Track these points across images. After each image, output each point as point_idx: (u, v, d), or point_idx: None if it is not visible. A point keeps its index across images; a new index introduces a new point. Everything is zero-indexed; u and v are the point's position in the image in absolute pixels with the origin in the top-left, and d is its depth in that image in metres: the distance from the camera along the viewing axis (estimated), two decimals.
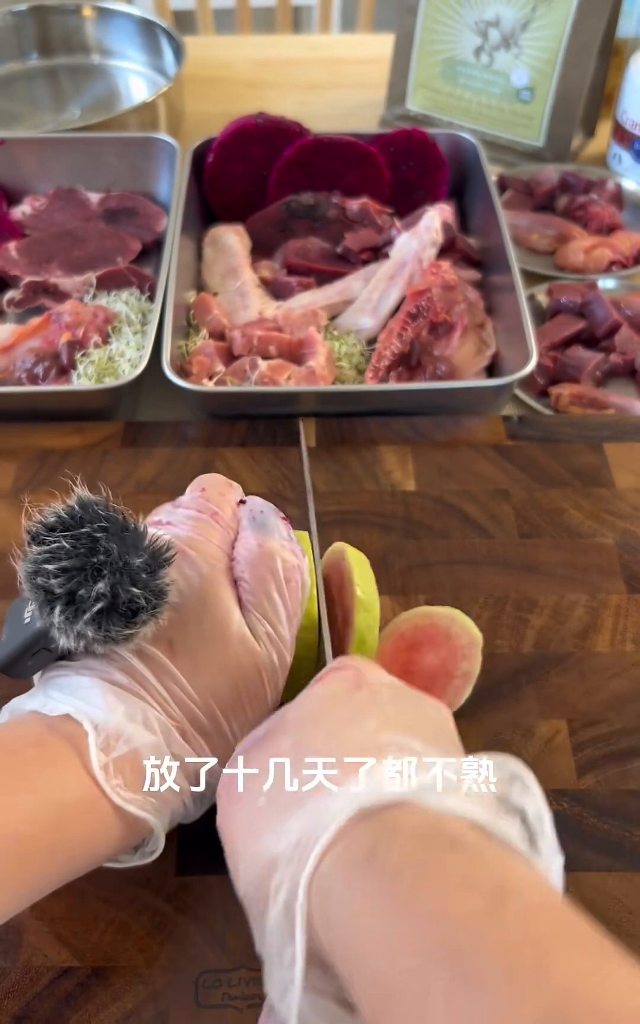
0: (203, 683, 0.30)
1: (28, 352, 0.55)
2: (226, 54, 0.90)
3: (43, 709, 0.29)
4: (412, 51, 0.73)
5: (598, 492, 0.48)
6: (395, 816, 0.23)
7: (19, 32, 0.82)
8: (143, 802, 0.29)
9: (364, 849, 0.22)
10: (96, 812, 0.28)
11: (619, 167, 0.72)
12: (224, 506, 0.34)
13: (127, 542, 0.29)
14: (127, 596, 0.28)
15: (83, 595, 0.28)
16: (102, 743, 0.28)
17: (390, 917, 0.20)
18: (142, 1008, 0.31)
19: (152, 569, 0.29)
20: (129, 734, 0.28)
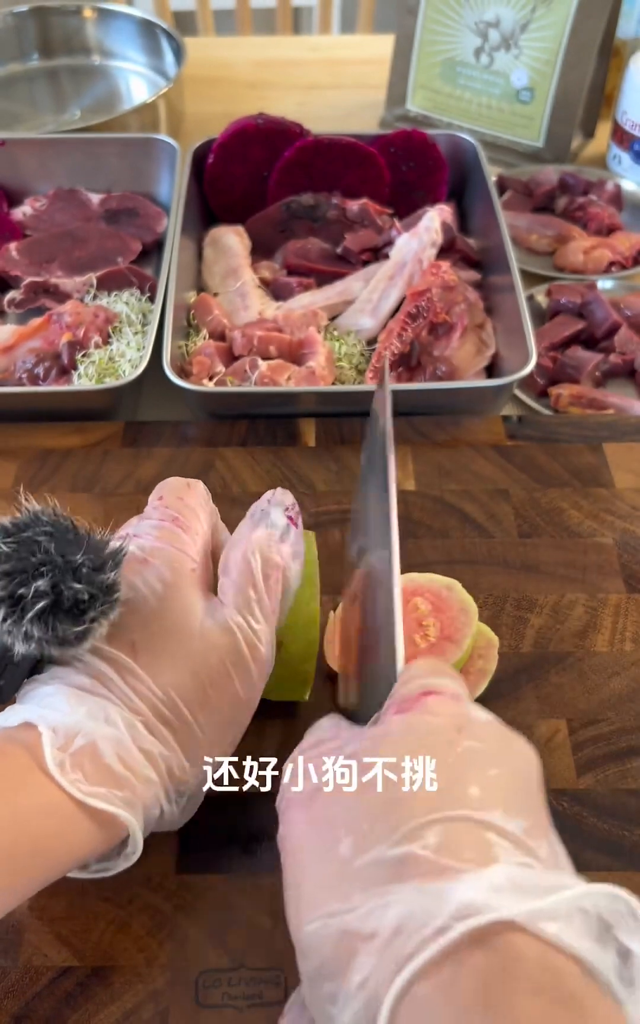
0: (166, 678, 0.30)
1: (29, 352, 0.55)
2: (226, 55, 0.90)
3: (4, 722, 0.29)
4: (412, 52, 0.73)
5: (597, 492, 0.48)
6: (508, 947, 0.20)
7: (20, 33, 0.82)
8: (108, 795, 0.28)
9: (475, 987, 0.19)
10: (59, 812, 0.27)
11: (618, 168, 0.72)
12: (183, 509, 0.34)
13: (71, 543, 0.29)
14: (71, 592, 0.28)
15: (23, 594, 0.28)
16: (61, 742, 0.28)
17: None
18: (142, 1007, 0.31)
19: (97, 566, 0.29)
20: (88, 730, 0.28)
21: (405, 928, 0.21)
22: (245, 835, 0.35)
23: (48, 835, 0.27)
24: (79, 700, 0.29)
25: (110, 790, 0.28)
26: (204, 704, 0.30)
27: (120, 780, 0.28)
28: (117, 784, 0.28)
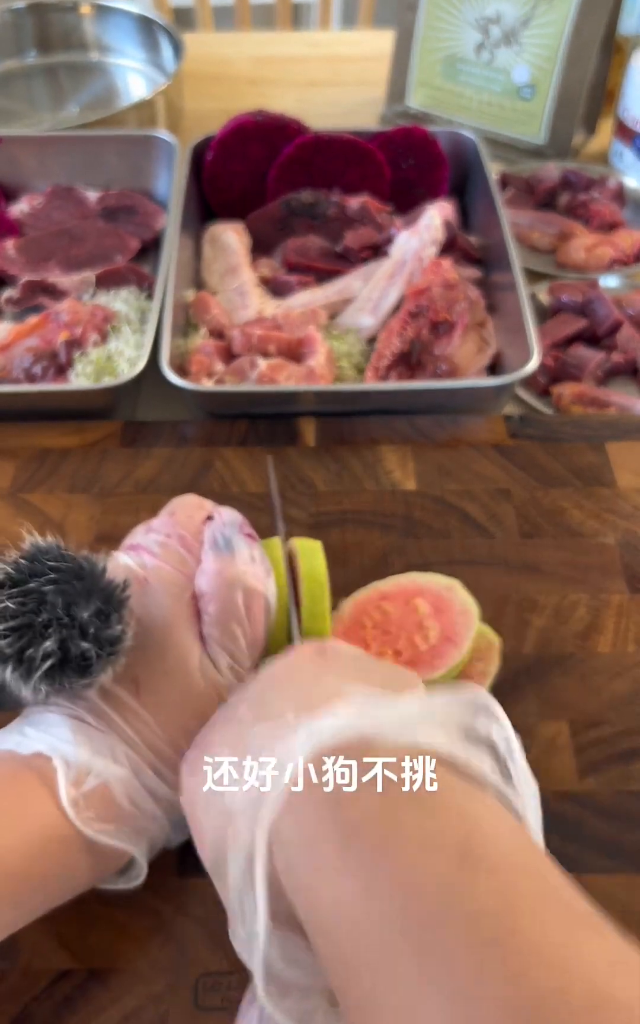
0: (168, 718, 0.30)
1: (26, 351, 0.54)
2: (225, 51, 0.89)
3: (18, 748, 0.29)
4: (412, 48, 0.73)
5: (600, 492, 0.48)
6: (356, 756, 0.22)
7: (18, 30, 0.82)
8: (117, 832, 0.29)
9: (324, 798, 0.21)
10: (71, 844, 0.28)
11: (621, 164, 0.72)
12: (191, 528, 0.34)
13: (78, 591, 0.29)
14: (78, 650, 0.28)
15: (31, 654, 0.28)
16: (73, 778, 0.28)
17: (351, 883, 0.20)
18: (141, 1010, 0.31)
19: (105, 615, 0.29)
20: (98, 769, 0.29)
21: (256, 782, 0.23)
22: None
23: (57, 865, 0.28)
24: (86, 735, 0.29)
25: (118, 827, 0.29)
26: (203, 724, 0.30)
27: (128, 817, 0.29)
28: (125, 821, 0.29)
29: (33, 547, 0.30)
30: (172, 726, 0.30)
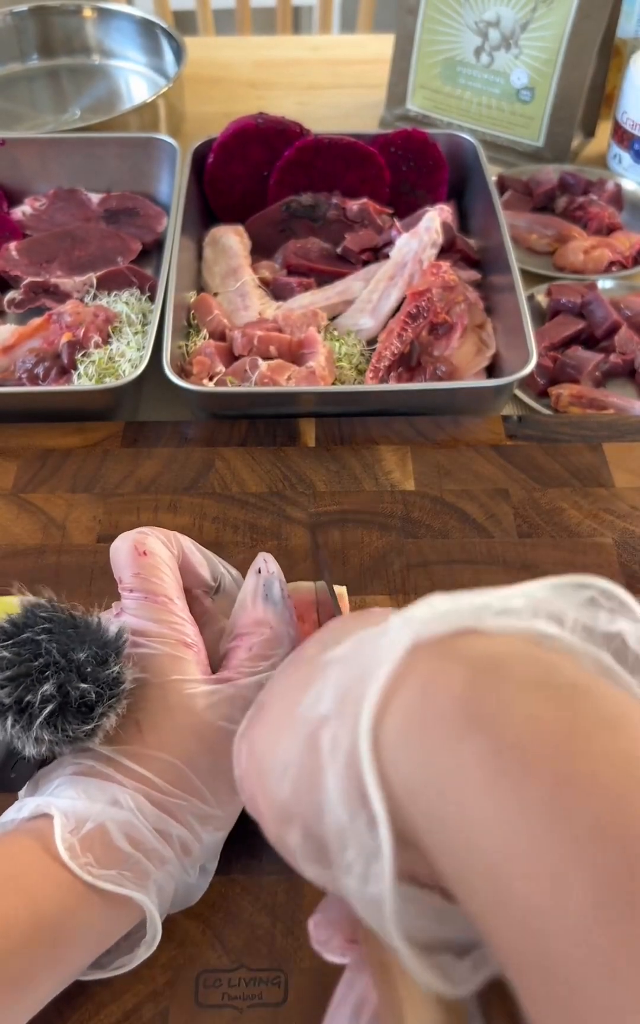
0: (175, 754, 0.30)
1: (29, 352, 0.55)
2: (226, 55, 0.90)
3: (17, 815, 0.29)
4: (412, 51, 0.73)
5: (597, 492, 0.48)
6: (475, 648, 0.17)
7: (20, 33, 0.82)
8: (118, 878, 0.27)
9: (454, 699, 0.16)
10: (72, 896, 0.27)
11: (619, 167, 0.72)
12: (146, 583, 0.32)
13: (72, 639, 0.29)
14: (77, 693, 0.28)
15: (31, 700, 0.28)
16: (71, 826, 0.27)
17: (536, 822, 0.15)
18: (142, 1007, 0.31)
19: (101, 659, 0.29)
20: (96, 814, 0.28)
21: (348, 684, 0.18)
22: (246, 835, 0.35)
23: (63, 919, 0.27)
24: (83, 787, 0.29)
25: (120, 872, 0.28)
26: (218, 775, 0.30)
27: (131, 862, 0.28)
28: (128, 866, 0.28)
29: (26, 602, 0.30)
30: (178, 757, 0.30)
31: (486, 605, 0.18)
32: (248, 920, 0.33)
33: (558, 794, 0.15)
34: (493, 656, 0.17)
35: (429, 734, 0.17)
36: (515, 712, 0.16)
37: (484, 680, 0.17)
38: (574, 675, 0.17)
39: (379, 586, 0.43)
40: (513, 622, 0.18)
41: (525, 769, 0.15)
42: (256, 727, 0.22)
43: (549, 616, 0.19)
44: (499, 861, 0.15)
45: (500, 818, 0.15)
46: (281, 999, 0.31)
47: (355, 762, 0.17)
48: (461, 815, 0.16)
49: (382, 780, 0.17)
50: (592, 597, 0.19)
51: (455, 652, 0.17)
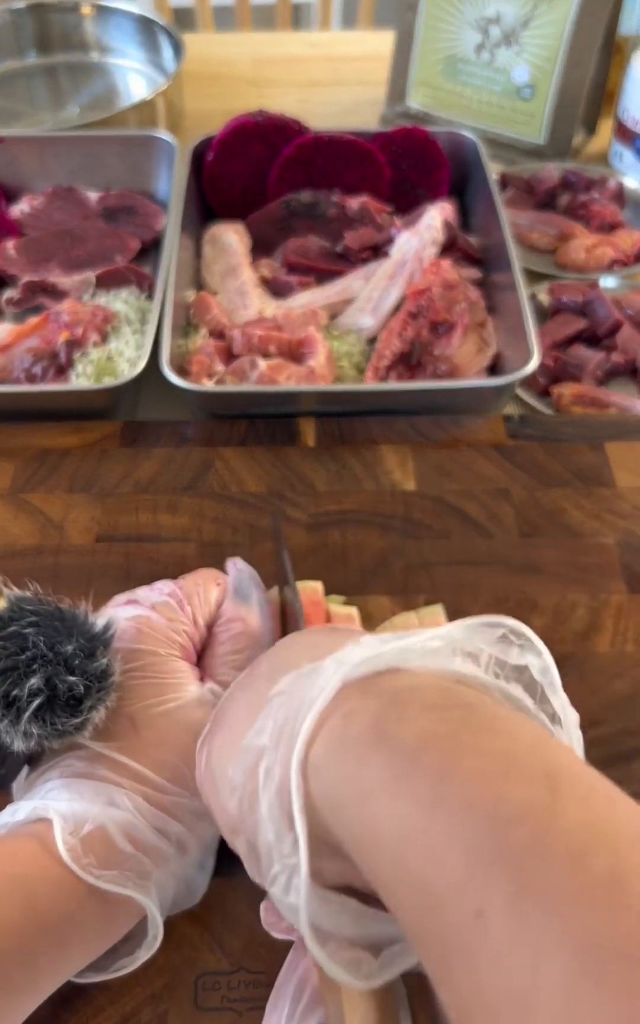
0: (169, 750, 0.30)
1: (27, 351, 0.55)
2: (226, 51, 0.89)
3: (12, 818, 0.29)
4: (413, 48, 0.73)
5: (599, 492, 0.48)
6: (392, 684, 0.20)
7: (18, 30, 0.82)
8: (120, 878, 0.28)
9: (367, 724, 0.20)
10: (75, 897, 0.27)
11: (620, 165, 0.72)
12: (193, 596, 0.34)
13: (59, 631, 0.29)
14: (65, 685, 0.28)
15: (18, 695, 0.28)
16: (71, 828, 0.27)
17: (421, 810, 0.18)
18: (140, 1011, 0.31)
19: (89, 652, 0.29)
20: (95, 814, 0.28)
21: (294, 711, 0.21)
22: None
23: (64, 921, 0.27)
24: (79, 790, 0.29)
25: (122, 872, 0.28)
26: None
27: (132, 862, 0.28)
28: (128, 866, 0.28)
29: (11, 596, 0.30)
30: (175, 757, 0.30)
31: (409, 648, 0.22)
32: (247, 923, 0.33)
33: (440, 786, 0.18)
34: (403, 689, 0.21)
35: (346, 755, 0.20)
36: (413, 729, 0.19)
37: (392, 707, 0.20)
38: (469, 698, 0.20)
39: (380, 587, 0.43)
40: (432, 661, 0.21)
41: (416, 770, 0.18)
42: (213, 740, 0.26)
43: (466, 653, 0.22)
44: (397, 847, 0.18)
45: (396, 812, 0.18)
46: None
47: (285, 790, 0.21)
48: (370, 816, 0.19)
49: (308, 802, 0.20)
50: (504, 634, 0.23)
51: (375, 688, 0.21)
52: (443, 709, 0.19)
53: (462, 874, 0.16)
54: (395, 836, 0.18)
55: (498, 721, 0.19)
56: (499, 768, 0.18)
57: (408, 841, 0.18)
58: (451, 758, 0.18)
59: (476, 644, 0.22)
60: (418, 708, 0.19)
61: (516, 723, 0.20)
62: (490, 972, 0.16)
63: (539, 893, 0.15)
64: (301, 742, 0.20)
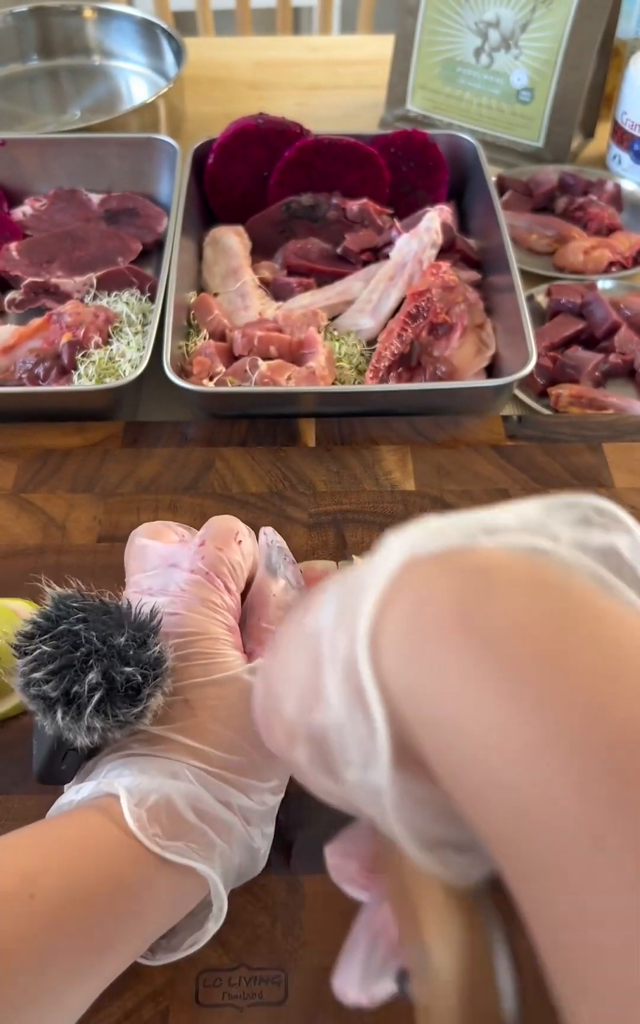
0: (228, 723, 0.30)
1: (29, 352, 0.55)
2: (226, 55, 0.90)
3: (76, 796, 0.29)
4: (412, 52, 0.73)
5: (597, 492, 0.48)
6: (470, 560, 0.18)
7: (20, 33, 0.82)
8: (185, 849, 0.28)
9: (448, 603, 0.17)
10: (144, 867, 0.27)
11: (618, 168, 0.72)
12: (219, 564, 0.33)
13: (109, 624, 0.29)
14: (123, 677, 0.28)
15: (78, 691, 0.28)
16: (136, 800, 0.28)
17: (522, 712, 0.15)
18: (142, 1007, 0.31)
19: (141, 641, 0.29)
20: (159, 786, 0.28)
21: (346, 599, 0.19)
22: None
23: (139, 891, 0.27)
24: (142, 763, 0.29)
25: (187, 844, 0.28)
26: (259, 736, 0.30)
27: (197, 833, 0.28)
28: (194, 836, 0.28)
29: (55, 595, 0.30)
30: (231, 731, 0.30)
31: (480, 523, 0.19)
32: (248, 920, 0.33)
33: (540, 679, 0.15)
34: (484, 566, 0.18)
35: (423, 637, 0.17)
36: (503, 610, 0.16)
37: (474, 585, 0.17)
38: (561, 578, 0.17)
39: None
40: (508, 538, 0.19)
41: (510, 660, 0.16)
42: (268, 658, 0.23)
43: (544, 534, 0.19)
44: (481, 745, 0.15)
45: (483, 705, 0.16)
46: (281, 998, 0.31)
47: (353, 664, 0.18)
48: (450, 709, 0.16)
49: (378, 682, 0.17)
50: (585, 515, 0.20)
51: (449, 564, 0.18)
52: (537, 588, 0.17)
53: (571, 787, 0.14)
54: (485, 737, 0.15)
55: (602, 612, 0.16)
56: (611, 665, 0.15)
57: (502, 745, 0.15)
58: (554, 654, 0.15)
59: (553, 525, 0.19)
60: (505, 587, 0.17)
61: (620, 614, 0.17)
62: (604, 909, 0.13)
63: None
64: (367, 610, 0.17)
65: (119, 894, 0.27)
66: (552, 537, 0.19)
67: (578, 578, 0.18)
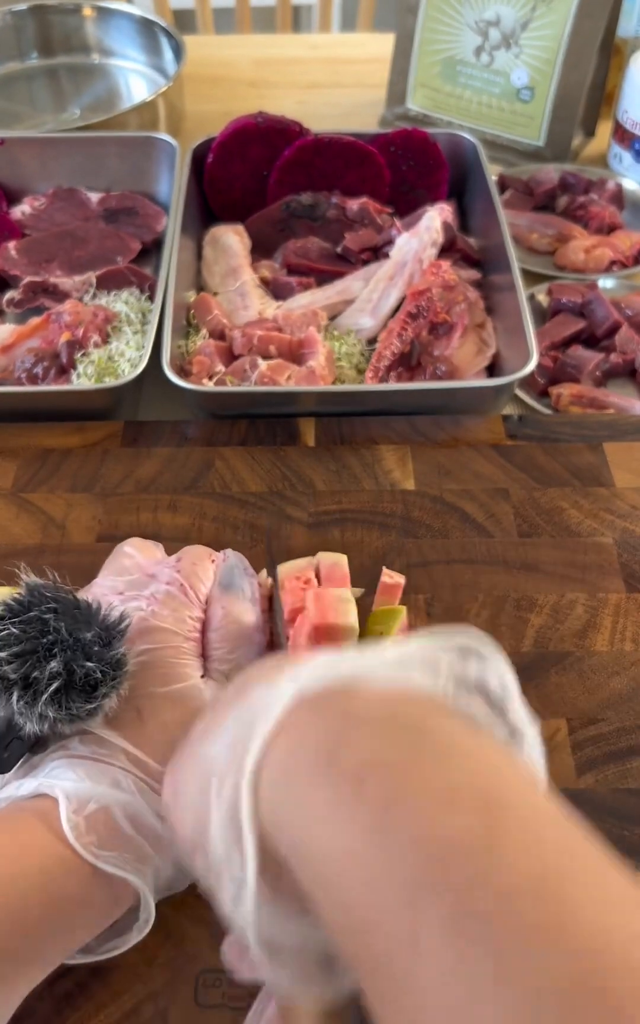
0: (171, 736, 0.30)
1: (28, 352, 0.55)
2: (226, 53, 0.90)
3: (15, 792, 0.29)
4: (412, 50, 0.73)
5: (597, 491, 0.48)
6: (344, 703, 0.21)
7: (19, 32, 0.82)
8: (119, 859, 0.28)
9: (316, 746, 0.20)
10: (75, 875, 0.27)
11: (619, 167, 0.72)
12: (192, 577, 0.35)
13: (78, 620, 0.30)
14: (83, 671, 0.29)
15: (37, 677, 0.28)
16: (74, 807, 0.28)
17: (363, 837, 0.18)
18: (141, 1007, 0.31)
19: (106, 641, 0.30)
20: (99, 795, 0.28)
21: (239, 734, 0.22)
22: None
23: (68, 899, 0.27)
24: (85, 769, 0.29)
25: (121, 854, 0.28)
26: None
27: (132, 844, 0.28)
28: (129, 848, 0.28)
29: (29, 583, 0.31)
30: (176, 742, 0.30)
31: (365, 664, 0.22)
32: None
33: (383, 815, 0.18)
34: (354, 709, 0.21)
35: (294, 776, 0.20)
36: (360, 754, 0.19)
37: (342, 729, 0.20)
38: (420, 717, 0.20)
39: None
40: (388, 677, 0.21)
41: (360, 798, 0.19)
42: (177, 761, 0.25)
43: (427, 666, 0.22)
44: (338, 872, 0.18)
45: (338, 837, 0.18)
46: None
47: (236, 808, 0.21)
48: (314, 839, 0.19)
49: (255, 820, 0.20)
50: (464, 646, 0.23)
51: (327, 707, 0.21)
52: (394, 729, 0.20)
53: (399, 901, 0.17)
54: (336, 861, 0.18)
55: (449, 746, 0.19)
56: (436, 791, 0.18)
57: (348, 867, 0.18)
58: (395, 787, 0.18)
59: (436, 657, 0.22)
60: (368, 732, 0.20)
61: (468, 747, 0.20)
62: (424, 1000, 0.16)
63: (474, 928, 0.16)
64: (251, 760, 0.21)
65: (51, 904, 0.27)
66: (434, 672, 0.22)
67: (437, 715, 0.21)
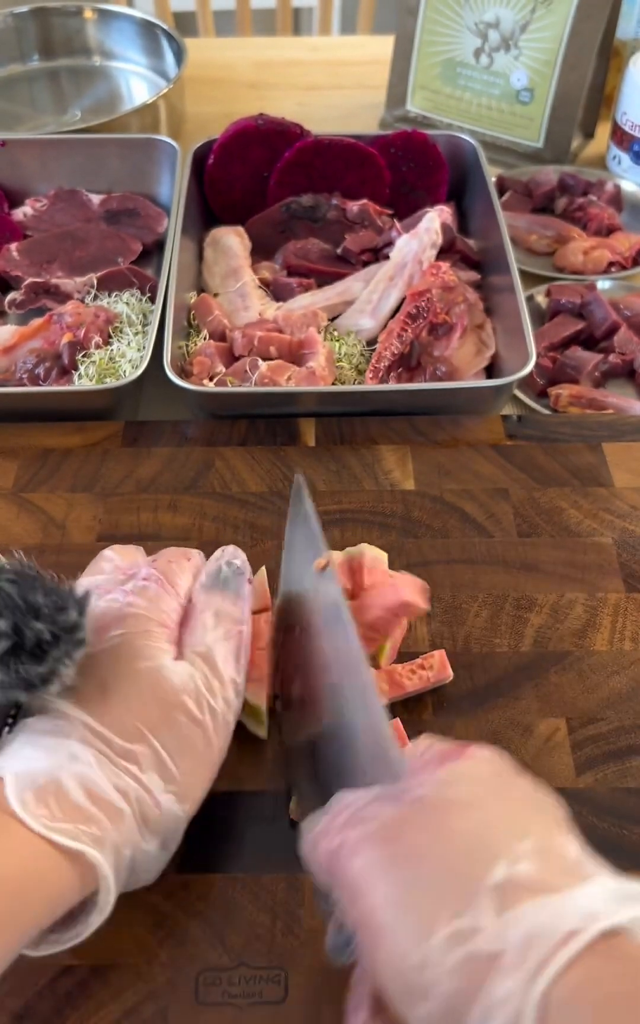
0: (136, 713, 0.30)
1: (29, 353, 0.55)
2: (227, 56, 0.90)
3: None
4: (412, 52, 0.73)
5: (597, 491, 0.48)
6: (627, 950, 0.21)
7: (20, 34, 0.82)
8: (75, 831, 0.27)
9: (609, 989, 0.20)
10: (27, 851, 0.27)
11: (618, 168, 0.72)
12: (169, 572, 0.35)
13: (33, 588, 0.29)
14: (32, 633, 0.28)
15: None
16: (26, 782, 0.27)
17: None
18: (142, 1006, 0.31)
19: (60, 606, 0.29)
20: (51, 767, 0.28)
21: (534, 942, 0.21)
22: (245, 834, 0.35)
23: (17, 876, 0.26)
24: (40, 745, 0.29)
25: (76, 826, 0.27)
26: (174, 743, 0.30)
27: (87, 815, 0.28)
28: (84, 820, 0.28)
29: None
30: (137, 718, 0.30)
31: None
32: (248, 918, 0.33)
33: None
34: None
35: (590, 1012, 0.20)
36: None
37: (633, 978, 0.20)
38: None
39: None
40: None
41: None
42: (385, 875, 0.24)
43: None
44: None
45: None
46: (281, 997, 0.31)
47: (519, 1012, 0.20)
48: None
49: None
50: None
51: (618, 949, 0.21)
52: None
53: None
54: None
55: None
56: None
57: None
58: None
59: None
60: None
61: None
62: None
63: None
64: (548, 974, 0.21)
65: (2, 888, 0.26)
66: None
67: None
